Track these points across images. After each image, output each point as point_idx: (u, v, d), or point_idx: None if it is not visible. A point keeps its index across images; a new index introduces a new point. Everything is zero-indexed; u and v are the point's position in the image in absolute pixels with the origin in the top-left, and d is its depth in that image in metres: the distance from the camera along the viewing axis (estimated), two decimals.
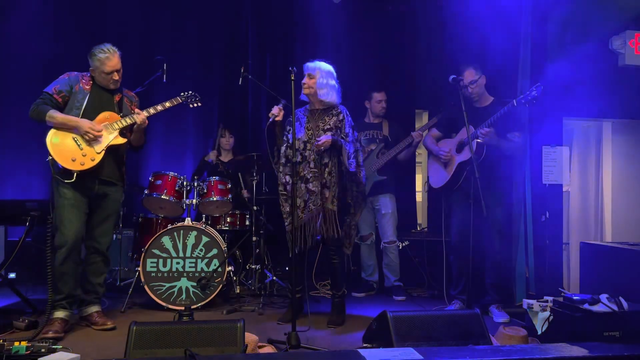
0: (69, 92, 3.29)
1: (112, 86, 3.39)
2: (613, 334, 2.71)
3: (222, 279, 3.88)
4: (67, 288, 3.25)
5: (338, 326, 3.49)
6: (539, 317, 3.07)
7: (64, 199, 3.21)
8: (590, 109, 4.40)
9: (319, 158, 3.48)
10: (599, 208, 4.84)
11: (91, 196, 3.33)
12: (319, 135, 3.50)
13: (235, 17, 5.48)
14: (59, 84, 3.30)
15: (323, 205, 3.45)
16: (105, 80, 3.35)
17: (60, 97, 3.27)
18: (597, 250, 3.74)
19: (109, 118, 3.34)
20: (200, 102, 3.80)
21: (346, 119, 3.57)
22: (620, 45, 4.29)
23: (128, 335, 2.34)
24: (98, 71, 3.32)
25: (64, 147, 3.19)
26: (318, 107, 3.60)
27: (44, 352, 2.41)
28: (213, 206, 4.24)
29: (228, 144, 4.92)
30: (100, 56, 3.28)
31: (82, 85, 3.32)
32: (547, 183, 4.21)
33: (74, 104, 3.28)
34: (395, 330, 2.51)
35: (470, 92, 3.74)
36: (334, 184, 3.49)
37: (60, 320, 3.17)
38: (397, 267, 4.56)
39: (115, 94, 3.46)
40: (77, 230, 3.24)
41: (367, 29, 5.70)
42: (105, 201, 3.41)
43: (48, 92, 3.27)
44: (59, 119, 3.20)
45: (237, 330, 2.42)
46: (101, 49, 3.30)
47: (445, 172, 3.89)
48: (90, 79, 3.37)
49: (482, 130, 3.56)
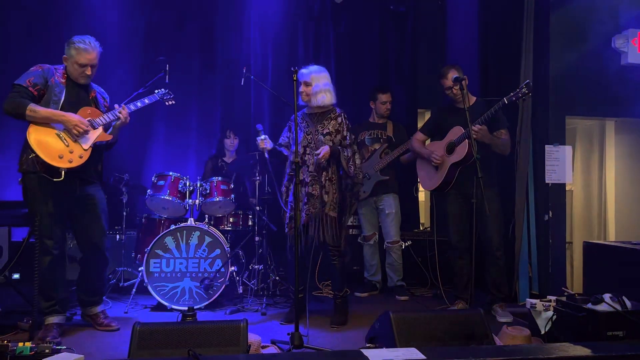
0: (44, 86, 3.09)
1: (81, 80, 3.21)
2: (617, 333, 2.70)
3: (225, 279, 3.89)
4: (57, 293, 3.19)
5: (341, 326, 3.50)
6: (542, 316, 3.07)
7: (42, 207, 3.06)
8: (593, 107, 4.38)
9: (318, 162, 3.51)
10: (602, 207, 4.82)
11: (73, 198, 3.20)
12: (318, 139, 3.53)
13: (239, 17, 5.47)
14: (32, 75, 3.09)
15: (323, 210, 3.48)
16: (76, 72, 3.16)
17: (35, 90, 3.06)
18: (601, 249, 3.73)
19: (91, 114, 3.20)
20: (173, 101, 3.68)
21: (344, 122, 3.61)
22: (622, 44, 4.28)
23: (131, 336, 2.35)
24: (71, 61, 3.14)
25: (48, 143, 3.01)
26: (316, 111, 3.63)
27: (48, 353, 2.42)
28: (216, 206, 4.25)
29: (233, 145, 4.92)
30: (79, 46, 3.10)
31: (57, 78, 3.15)
32: (550, 182, 4.20)
33: (50, 97, 3.09)
34: (398, 330, 2.51)
35: (455, 93, 3.74)
36: (334, 190, 3.54)
37: (56, 325, 3.15)
38: (400, 266, 4.56)
39: (89, 90, 3.32)
40: (61, 235, 3.17)
41: (368, 29, 5.71)
42: (92, 201, 3.29)
43: (22, 85, 3.05)
44: (42, 113, 3.01)
45: (240, 330, 2.42)
46: (82, 39, 3.14)
47: (436, 174, 3.89)
48: (64, 72, 3.20)
49: (475, 128, 3.56)
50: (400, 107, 5.57)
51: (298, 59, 5.53)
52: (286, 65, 5.33)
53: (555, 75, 4.25)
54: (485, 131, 3.61)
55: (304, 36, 5.62)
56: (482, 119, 3.58)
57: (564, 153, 4.22)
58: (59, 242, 3.17)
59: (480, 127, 3.57)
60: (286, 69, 3.76)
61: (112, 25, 5.08)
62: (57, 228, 3.14)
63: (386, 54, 5.75)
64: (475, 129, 3.55)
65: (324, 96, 3.54)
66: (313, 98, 3.52)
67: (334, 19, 5.65)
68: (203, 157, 5.15)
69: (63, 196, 3.13)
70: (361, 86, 5.49)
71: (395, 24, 5.77)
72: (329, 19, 5.64)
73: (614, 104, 4.41)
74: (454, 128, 3.76)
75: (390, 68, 5.74)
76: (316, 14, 5.63)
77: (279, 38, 5.56)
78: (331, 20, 5.64)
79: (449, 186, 3.82)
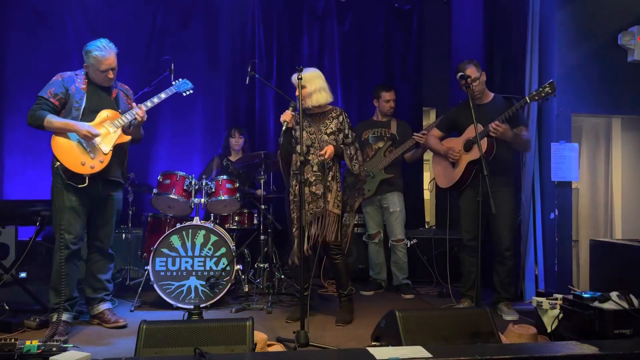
0: (65, 94, 3.21)
1: (106, 84, 3.33)
2: (624, 331, 2.69)
3: (231, 278, 3.90)
4: (68, 291, 3.25)
5: (346, 324, 3.50)
6: (548, 315, 3.06)
7: (66, 202, 3.19)
8: (599, 104, 4.36)
9: (322, 162, 3.52)
10: (608, 205, 4.79)
11: (94, 199, 3.33)
12: (321, 138, 3.55)
13: (243, 16, 5.47)
14: (53, 86, 3.21)
15: (326, 208, 3.49)
16: (100, 77, 3.27)
17: (57, 100, 3.20)
18: (607, 247, 3.72)
19: (109, 117, 3.29)
20: (192, 90, 3.71)
21: (345, 120, 3.63)
22: (629, 41, 4.25)
23: (138, 334, 2.36)
24: (93, 69, 3.25)
25: (71, 151, 3.16)
26: (316, 111, 3.63)
27: (55, 352, 2.42)
28: (221, 205, 4.25)
29: (238, 144, 4.93)
30: (96, 54, 3.19)
31: (77, 85, 3.25)
32: (556, 180, 4.19)
33: (72, 105, 3.21)
34: (404, 329, 2.50)
35: (474, 90, 3.66)
36: (337, 188, 3.56)
37: (63, 323, 3.18)
38: (405, 265, 4.56)
39: (111, 90, 3.41)
40: (78, 234, 3.26)
41: (373, 27, 5.70)
42: (109, 203, 3.41)
43: (43, 97, 3.18)
44: (56, 124, 3.13)
45: (246, 328, 2.42)
46: (97, 46, 3.21)
47: (453, 172, 3.87)
48: (85, 77, 3.30)
49: (499, 127, 3.51)
50: (405, 105, 5.56)
51: (303, 58, 5.53)
52: (291, 64, 5.34)
53: (561, 72, 4.23)
54: (505, 129, 3.55)
55: (309, 35, 5.62)
56: (502, 118, 3.53)
57: (570, 151, 4.20)
58: (78, 239, 3.26)
59: (498, 124, 3.52)
60: (291, 68, 3.77)
61: (117, 24, 5.08)
62: (78, 225, 3.25)
63: (391, 53, 5.74)
64: (494, 125, 3.52)
65: (320, 96, 3.55)
66: (308, 99, 3.54)
67: (338, 17, 5.64)
68: (208, 156, 5.16)
69: (86, 196, 3.26)
70: (366, 84, 5.49)
71: (400, 22, 5.76)
72: (334, 17, 5.64)
73: (620, 101, 4.38)
74: (472, 125, 3.62)
75: (395, 66, 5.73)
76: (321, 12, 5.63)
77: (283, 37, 5.57)
78: (336, 18, 5.64)
79: (465, 184, 3.80)
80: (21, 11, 5.03)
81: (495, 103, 3.75)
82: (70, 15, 5.11)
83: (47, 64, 4.95)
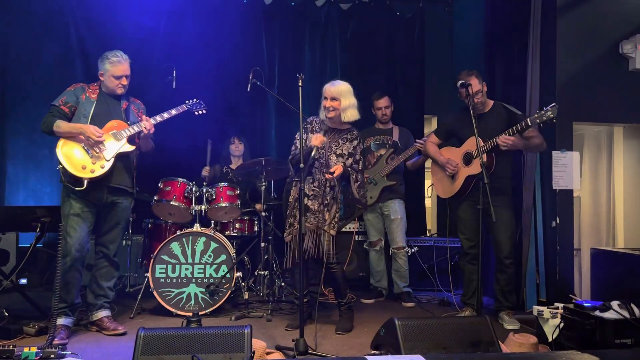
0: (76, 102, 3.37)
1: (119, 91, 3.46)
2: (625, 341, 2.68)
3: (231, 285, 3.89)
4: (71, 297, 3.31)
5: (346, 332, 3.48)
6: (549, 324, 3.04)
7: (70, 208, 3.29)
8: (601, 113, 4.36)
9: (324, 180, 3.46)
10: (610, 213, 4.78)
11: (100, 205, 3.40)
12: (328, 157, 3.48)
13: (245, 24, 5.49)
14: (65, 95, 3.39)
15: (323, 228, 3.45)
16: (114, 84, 3.42)
17: (67, 108, 3.35)
18: (609, 256, 3.70)
19: (116, 126, 3.40)
20: (205, 110, 3.84)
21: (359, 146, 3.57)
22: (630, 49, 4.26)
23: (136, 341, 2.35)
24: (107, 75, 3.41)
25: (74, 155, 3.26)
26: (337, 127, 3.57)
27: (53, 358, 2.43)
28: (222, 212, 4.25)
29: (238, 150, 4.93)
30: (113, 59, 3.39)
31: (88, 94, 3.42)
32: (558, 188, 4.18)
33: (81, 112, 3.35)
34: (404, 337, 2.49)
35: (475, 102, 3.61)
36: (337, 209, 3.52)
37: (64, 327, 3.23)
38: (406, 273, 4.54)
39: (122, 101, 3.52)
40: (82, 240, 3.30)
41: (375, 35, 5.71)
42: (115, 209, 3.47)
43: (55, 105, 3.35)
44: (64, 127, 3.27)
45: (244, 336, 2.41)
46: (114, 54, 3.42)
47: (451, 184, 3.85)
48: (97, 88, 3.46)
49: (508, 140, 3.48)
50: (408, 112, 5.56)
51: (305, 66, 5.55)
52: (293, 71, 5.34)
53: (563, 80, 4.23)
54: (514, 140, 3.50)
55: (311, 43, 5.63)
56: (512, 130, 3.48)
57: (571, 159, 4.19)
58: (81, 245, 3.30)
59: (507, 137, 3.49)
60: (293, 76, 3.77)
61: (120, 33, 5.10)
62: (81, 230, 3.30)
63: (393, 60, 5.74)
64: (503, 139, 3.49)
65: (352, 114, 3.48)
66: (343, 114, 3.45)
67: (340, 25, 5.66)
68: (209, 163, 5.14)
69: (90, 202, 3.34)
70: (368, 92, 5.49)
71: (402, 31, 5.77)
72: (336, 25, 5.65)
73: (622, 109, 4.38)
74: (473, 138, 3.55)
75: (397, 74, 5.73)
76: (323, 20, 5.65)
77: (285, 44, 5.58)
78: (338, 26, 5.66)
79: (464, 195, 3.79)
80: (24, 18, 5.06)
81: (495, 112, 3.74)
82: (73, 23, 5.13)
83: (49, 72, 4.99)
